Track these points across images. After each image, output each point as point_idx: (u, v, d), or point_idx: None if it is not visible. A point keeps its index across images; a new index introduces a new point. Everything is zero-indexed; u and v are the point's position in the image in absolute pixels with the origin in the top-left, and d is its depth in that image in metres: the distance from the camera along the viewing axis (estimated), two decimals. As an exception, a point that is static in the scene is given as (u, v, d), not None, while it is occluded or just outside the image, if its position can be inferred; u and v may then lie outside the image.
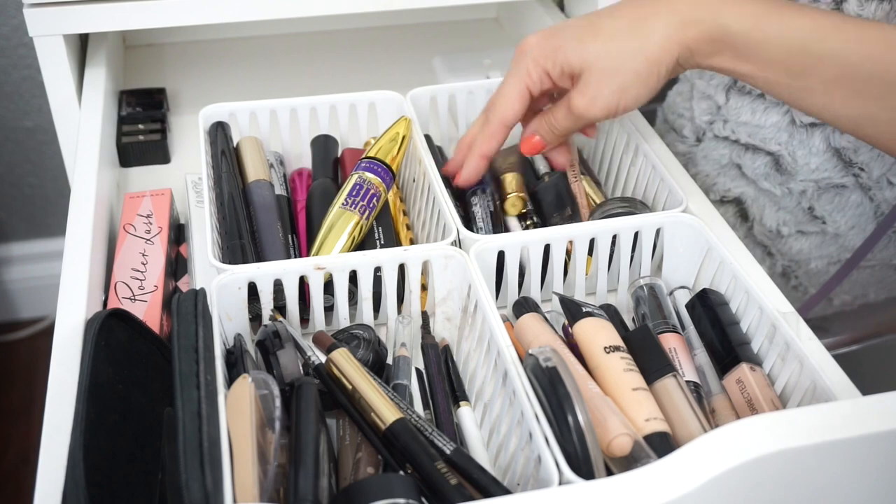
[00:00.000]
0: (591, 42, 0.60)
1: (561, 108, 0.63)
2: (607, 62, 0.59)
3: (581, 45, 0.60)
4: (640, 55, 0.59)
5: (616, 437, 0.48)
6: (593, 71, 0.60)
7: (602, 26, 0.60)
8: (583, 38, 0.60)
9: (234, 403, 0.47)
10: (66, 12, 0.75)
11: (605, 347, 0.54)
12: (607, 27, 0.60)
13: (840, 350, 0.83)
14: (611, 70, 0.59)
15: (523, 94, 0.63)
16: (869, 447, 0.44)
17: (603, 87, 0.60)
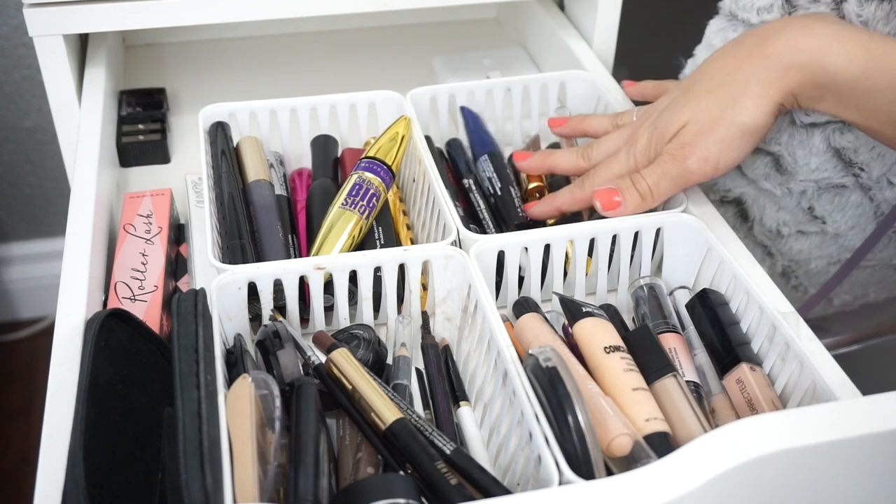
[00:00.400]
0: (692, 100, 0.60)
1: (657, 167, 0.61)
2: (706, 116, 0.59)
3: (682, 105, 0.61)
4: (737, 107, 0.58)
5: (616, 437, 0.48)
6: (691, 126, 0.60)
7: (700, 85, 0.61)
8: (680, 99, 0.62)
9: (234, 403, 0.47)
10: (65, 12, 0.75)
11: (605, 347, 0.54)
12: (705, 85, 0.60)
13: (840, 350, 0.83)
14: (709, 123, 0.59)
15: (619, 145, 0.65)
16: (869, 447, 0.44)
17: (701, 141, 0.59)
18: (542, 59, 0.95)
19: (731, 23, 0.74)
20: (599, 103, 0.76)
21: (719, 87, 0.60)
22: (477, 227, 0.68)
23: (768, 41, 0.58)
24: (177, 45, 1.03)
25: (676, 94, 0.63)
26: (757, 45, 0.59)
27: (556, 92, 0.79)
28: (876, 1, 0.66)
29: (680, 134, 0.61)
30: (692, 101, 0.61)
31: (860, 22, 0.67)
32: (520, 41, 1.02)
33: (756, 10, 0.72)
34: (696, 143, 0.60)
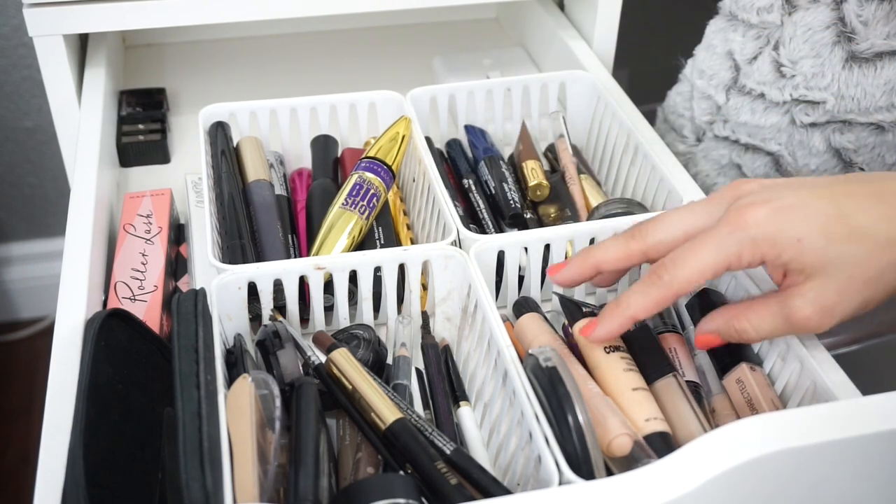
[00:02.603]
0: (843, 243, 0.47)
1: (769, 310, 0.50)
2: (858, 273, 0.47)
3: (829, 243, 0.47)
4: (893, 267, 0.48)
5: (616, 437, 0.48)
6: (836, 278, 0.47)
7: (858, 223, 0.47)
8: (832, 233, 0.47)
9: (234, 403, 0.47)
10: (65, 12, 0.75)
11: (605, 347, 0.54)
12: (864, 227, 0.47)
13: (840, 350, 0.83)
14: (862, 284, 0.47)
15: (719, 273, 0.49)
16: (869, 447, 0.44)
17: (845, 301, 0.48)
18: (542, 59, 0.95)
19: (731, 23, 0.74)
20: (599, 103, 0.76)
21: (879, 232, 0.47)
22: (477, 227, 0.68)
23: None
24: (177, 45, 1.03)
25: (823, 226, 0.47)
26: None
27: (556, 92, 0.79)
28: (876, 1, 0.66)
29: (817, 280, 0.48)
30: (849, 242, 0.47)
31: (860, 22, 0.67)
32: (520, 41, 1.02)
33: (756, 10, 0.72)
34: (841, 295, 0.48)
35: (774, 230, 0.47)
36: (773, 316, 0.50)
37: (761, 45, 0.72)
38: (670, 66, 0.83)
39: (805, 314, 0.48)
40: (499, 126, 0.79)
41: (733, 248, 0.48)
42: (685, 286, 0.49)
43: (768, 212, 0.47)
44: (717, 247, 0.48)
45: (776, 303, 0.49)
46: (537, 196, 0.70)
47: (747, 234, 0.48)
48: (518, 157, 0.74)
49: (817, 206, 0.47)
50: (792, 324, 0.49)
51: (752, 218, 0.48)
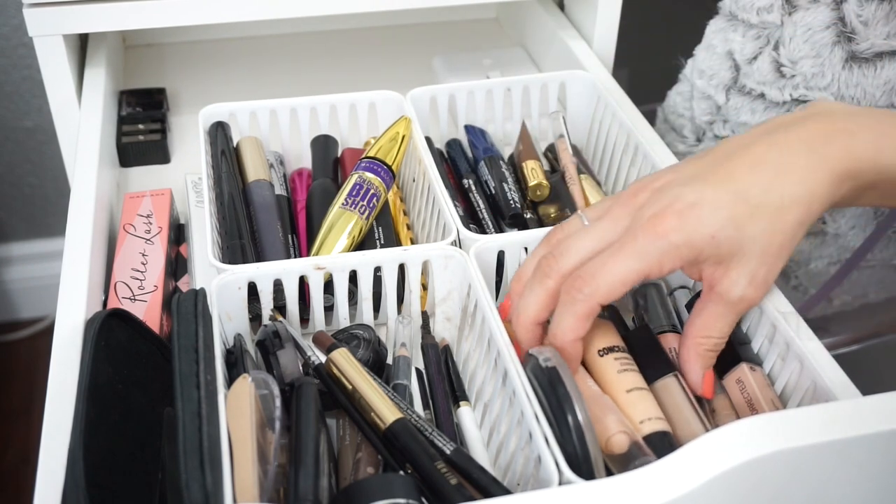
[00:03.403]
0: (749, 224, 0.48)
1: (715, 313, 0.51)
2: (773, 244, 0.49)
3: (738, 230, 0.48)
4: (803, 226, 0.50)
5: (613, 434, 0.48)
6: (756, 256, 0.49)
7: (753, 199, 0.49)
8: (738, 220, 0.48)
9: (234, 403, 0.47)
10: (65, 12, 0.75)
11: (598, 350, 0.54)
12: (759, 199, 0.49)
13: (840, 350, 0.83)
14: (779, 251, 0.49)
15: (639, 281, 0.50)
16: (869, 447, 0.44)
17: (771, 271, 0.50)
18: (542, 59, 0.95)
19: (731, 23, 0.74)
20: (599, 103, 0.76)
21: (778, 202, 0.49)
22: (477, 227, 0.68)
23: (822, 148, 0.50)
24: (177, 45, 1.03)
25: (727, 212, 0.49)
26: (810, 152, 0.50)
27: (556, 92, 0.79)
28: (876, 1, 0.66)
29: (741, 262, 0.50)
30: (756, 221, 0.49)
31: (860, 22, 0.67)
32: (520, 41, 1.02)
33: (756, 10, 0.72)
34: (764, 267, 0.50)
35: (689, 233, 0.48)
36: (723, 316, 0.51)
37: (761, 45, 0.72)
38: (670, 66, 0.83)
39: (748, 297, 0.50)
40: (499, 126, 0.79)
41: (654, 257, 0.49)
42: (607, 297, 0.49)
43: (677, 217, 0.49)
44: (636, 256, 0.49)
45: (717, 304, 0.51)
46: (537, 196, 0.70)
47: (666, 242, 0.48)
48: (518, 157, 0.74)
49: (716, 196, 0.49)
50: (739, 310, 0.51)
51: (665, 227, 0.49)
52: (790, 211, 0.49)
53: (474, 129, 0.77)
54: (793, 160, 0.49)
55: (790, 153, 0.50)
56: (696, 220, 0.48)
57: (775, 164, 0.49)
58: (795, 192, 0.49)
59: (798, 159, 0.49)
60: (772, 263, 0.50)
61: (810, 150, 0.50)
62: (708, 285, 0.51)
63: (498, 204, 0.69)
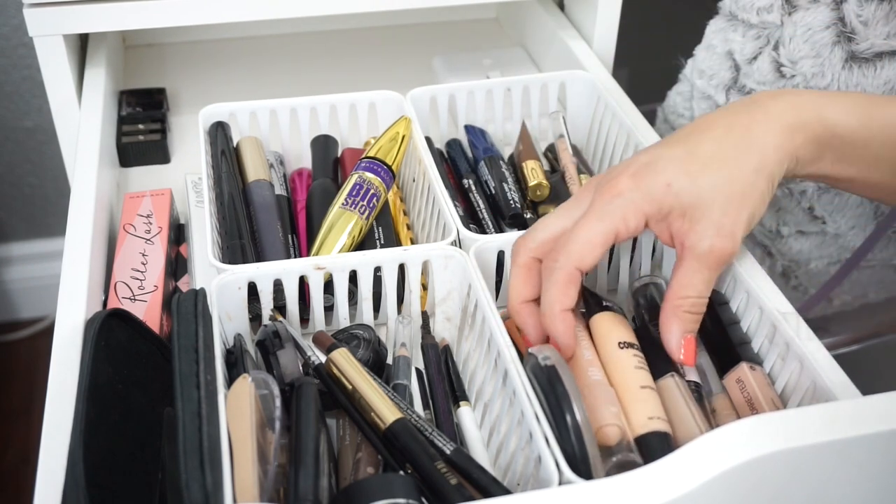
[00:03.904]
0: (703, 174, 0.51)
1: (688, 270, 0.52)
2: (731, 191, 0.51)
3: (693, 179, 0.51)
4: (763, 175, 0.51)
5: (604, 426, 0.49)
6: (716, 206, 0.51)
7: (704, 153, 0.51)
8: (691, 170, 0.51)
9: (234, 403, 0.47)
10: (66, 12, 0.75)
11: (619, 343, 0.54)
12: (710, 153, 0.51)
13: (840, 350, 0.83)
14: (738, 198, 0.51)
15: (609, 242, 0.51)
16: (869, 447, 0.44)
17: (735, 220, 0.51)
18: (542, 59, 0.95)
19: (731, 23, 0.74)
20: (599, 103, 0.76)
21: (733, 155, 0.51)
22: (477, 227, 0.68)
23: (767, 104, 0.53)
24: (177, 45, 1.03)
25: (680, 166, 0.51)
26: (755, 108, 0.53)
27: (556, 92, 0.79)
28: (876, 1, 0.66)
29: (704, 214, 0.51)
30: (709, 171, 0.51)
31: (860, 22, 0.67)
32: (520, 41, 1.02)
33: (756, 10, 0.72)
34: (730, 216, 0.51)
35: (644, 187, 0.51)
36: (697, 272, 0.52)
37: (761, 45, 0.72)
38: (670, 66, 0.83)
39: (718, 248, 0.51)
40: (499, 126, 0.79)
41: (616, 214, 0.51)
42: (581, 260, 0.51)
43: (631, 174, 0.52)
44: (598, 218, 0.51)
45: (690, 260, 0.52)
46: (537, 196, 0.70)
47: (624, 199, 0.51)
48: (518, 157, 0.74)
49: (668, 154, 0.52)
50: (712, 265, 0.52)
51: (621, 185, 0.51)
52: (743, 160, 0.51)
53: (474, 129, 0.77)
54: (741, 118, 0.52)
55: (738, 114, 0.53)
56: (650, 173, 0.51)
57: (725, 123, 0.52)
58: (745, 142, 0.51)
59: (745, 117, 0.52)
60: (735, 213, 0.51)
61: (757, 107, 0.53)
62: (679, 244, 0.52)
63: (498, 204, 0.69)
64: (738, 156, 0.51)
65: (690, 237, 0.51)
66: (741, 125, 0.52)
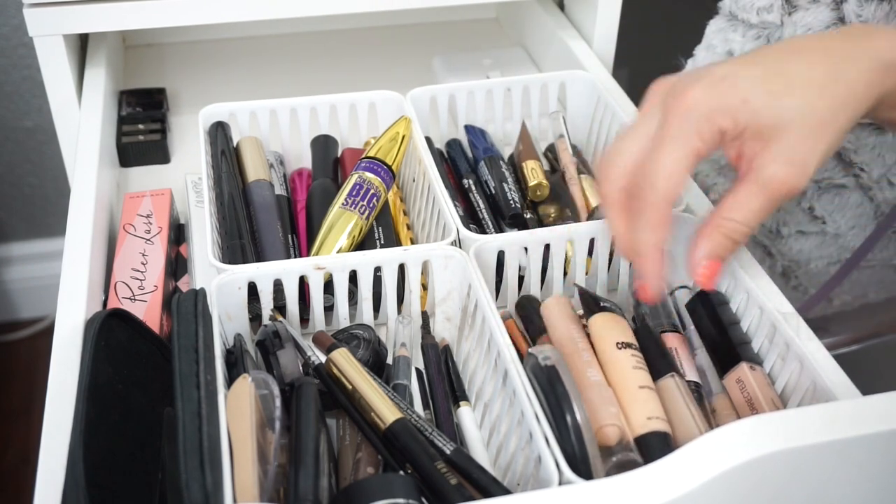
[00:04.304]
0: (788, 95, 0.47)
1: (748, 193, 0.48)
2: (813, 119, 0.47)
3: (775, 99, 0.47)
4: (847, 110, 0.48)
5: (604, 426, 0.49)
6: (794, 131, 0.47)
7: (793, 74, 0.48)
8: (774, 89, 0.47)
9: (234, 403, 0.47)
10: (66, 12, 0.75)
11: (617, 343, 0.54)
12: (801, 75, 0.48)
13: (840, 350, 0.83)
14: (819, 128, 0.47)
15: (692, 165, 0.48)
16: (869, 447, 0.44)
17: (811, 151, 0.48)
18: (542, 59, 0.95)
19: (731, 23, 0.74)
20: (599, 103, 0.76)
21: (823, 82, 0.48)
22: (477, 227, 0.68)
23: (868, 37, 0.49)
24: (177, 45, 1.03)
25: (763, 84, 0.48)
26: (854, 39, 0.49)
27: (556, 92, 0.79)
28: (876, 1, 0.66)
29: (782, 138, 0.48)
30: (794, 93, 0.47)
31: (860, 22, 0.67)
32: (520, 41, 1.02)
33: (756, 10, 0.72)
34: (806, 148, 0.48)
35: (719, 100, 0.47)
36: (754, 196, 0.49)
37: (761, 45, 0.72)
38: (670, 66, 0.83)
39: (782, 177, 0.48)
40: (499, 126, 0.79)
41: (692, 132, 0.48)
42: (670, 191, 0.48)
43: (705, 87, 0.48)
44: (675, 139, 0.48)
45: (750, 182, 0.48)
46: (537, 196, 0.70)
47: (697, 113, 0.47)
48: (518, 157, 0.74)
49: (747, 71, 0.48)
50: (774, 193, 0.48)
51: (693, 98, 0.48)
52: (830, 89, 0.47)
53: (474, 129, 0.77)
54: (833, 46, 0.48)
55: (830, 41, 0.49)
56: (727, 87, 0.47)
57: (815, 48, 0.48)
58: (837, 72, 0.47)
59: (838, 47, 0.48)
60: (813, 142, 0.47)
61: (852, 39, 0.49)
62: (746, 165, 0.49)
63: (498, 204, 0.69)
64: (826, 84, 0.47)
65: (761, 158, 0.48)
66: (837, 53, 0.48)
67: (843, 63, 0.48)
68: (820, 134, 0.48)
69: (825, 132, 0.48)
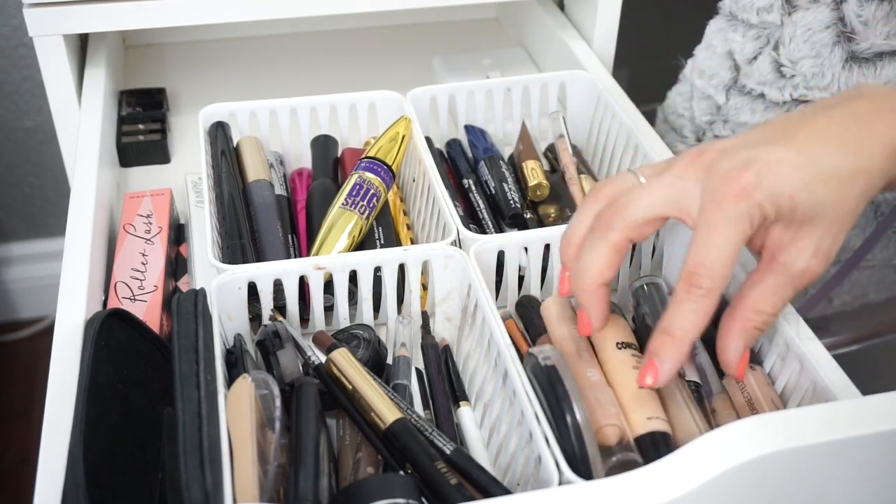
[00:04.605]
0: (823, 189, 0.47)
1: (776, 285, 0.49)
2: (840, 212, 0.48)
3: (811, 192, 0.47)
4: (865, 199, 0.49)
5: (604, 426, 0.48)
6: (824, 224, 0.48)
7: (822, 164, 0.47)
8: (808, 181, 0.47)
9: (234, 403, 0.47)
10: (66, 12, 0.75)
11: (617, 343, 0.54)
12: (827, 165, 0.47)
13: (840, 350, 0.83)
14: (845, 219, 0.48)
15: (739, 247, 0.47)
16: (869, 447, 0.44)
17: (836, 241, 0.49)
18: (542, 59, 0.95)
19: (731, 23, 0.74)
20: (599, 103, 0.76)
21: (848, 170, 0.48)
22: (477, 227, 0.68)
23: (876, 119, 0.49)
24: (177, 45, 1.03)
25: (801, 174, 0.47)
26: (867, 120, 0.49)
27: (556, 92, 0.79)
28: (876, 1, 0.66)
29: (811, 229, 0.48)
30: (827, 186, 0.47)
31: (860, 22, 0.67)
32: (520, 41, 1.02)
33: (756, 10, 0.72)
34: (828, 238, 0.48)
35: (770, 189, 0.47)
36: (783, 287, 0.49)
37: (761, 45, 0.72)
38: (670, 66, 0.83)
39: (811, 270, 0.48)
40: (499, 126, 0.79)
41: (745, 218, 0.46)
42: (725, 280, 0.47)
43: (757, 173, 0.47)
44: (730, 224, 0.46)
45: (779, 274, 0.49)
46: (537, 196, 0.70)
47: (752, 201, 0.46)
48: (518, 157, 0.74)
49: (789, 159, 0.47)
50: (802, 284, 0.49)
51: (748, 183, 0.46)
52: (855, 181, 0.48)
53: (474, 129, 0.77)
54: (849, 134, 0.48)
55: (846, 127, 0.49)
56: (775, 177, 0.46)
57: (836, 136, 0.48)
58: (857, 164, 0.48)
59: (853, 134, 0.48)
60: (836, 234, 0.48)
61: (864, 125, 0.49)
62: (770, 254, 0.49)
63: (498, 204, 0.69)
64: (850, 177, 0.48)
65: (790, 251, 0.48)
66: (854, 138, 0.48)
67: (861, 151, 0.48)
68: (844, 224, 0.48)
69: (848, 222, 0.49)
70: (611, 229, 0.49)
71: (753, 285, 0.49)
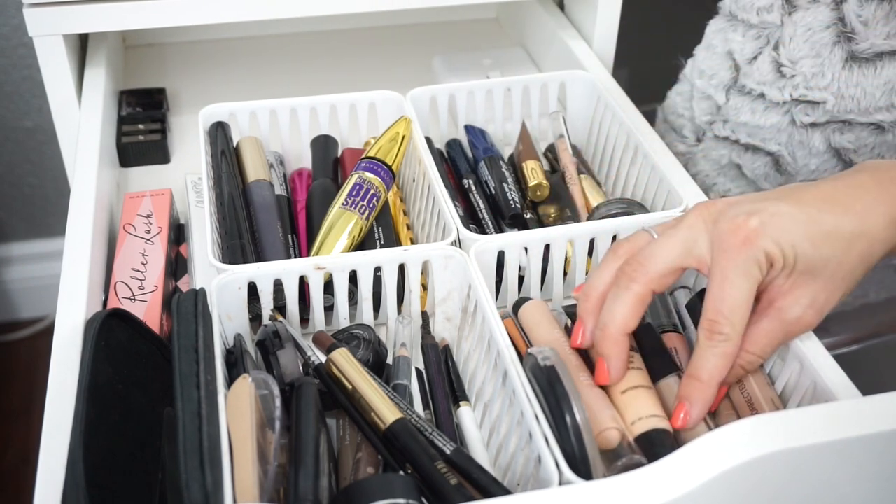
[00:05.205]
0: (825, 245, 0.50)
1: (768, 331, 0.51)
2: (840, 271, 0.51)
3: (814, 248, 0.49)
4: (865, 264, 0.51)
5: (604, 430, 0.48)
6: (822, 281, 0.50)
7: (827, 224, 0.50)
8: (813, 237, 0.50)
9: (234, 403, 0.47)
10: (66, 12, 0.75)
11: None
12: (832, 226, 0.50)
13: (840, 350, 0.83)
14: (843, 279, 0.51)
15: (753, 294, 0.50)
16: (869, 447, 0.44)
17: (831, 298, 0.51)
18: (542, 59, 0.95)
19: (731, 23, 0.74)
20: (599, 103, 0.76)
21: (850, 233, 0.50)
22: (477, 227, 0.68)
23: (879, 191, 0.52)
24: (177, 45, 1.03)
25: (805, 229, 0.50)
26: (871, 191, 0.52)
27: (556, 92, 0.79)
28: (876, 1, 0.66)
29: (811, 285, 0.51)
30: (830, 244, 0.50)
31: (860, 22, 0.67)
32: (520, 41, 1.02)
33: (756, 10, 0.72)
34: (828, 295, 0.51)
35: (774, 237, 0.49)
36: (774, 333, 0.51)
37: (761, 45, 0.72)
38: (670, 66, 0.83)
39: (806, 320, 0.51)
40: (499, 126, 0.79)
41: (753, 265, 0.49)
42: (743, 323, 0.50)
43: (761, 222, 0.49)
44: (740, 272, 0.49)
45: (773, 320, 0.51)
46: (537, 196, 0.70)
47: (758, 249, 0.49)
48: (518, 157, 0.74)
49: (793, 213, 0.50)
50: (793, 332, 0.52)
51: (752, 230, 0.49)
52: (855, 243, 0.50)
53: (474, 129, 0.77)
54: (853, 201, 0.51)
55: (850, 194, 0.51)
56: (779, 227, 0.49)
57: (841, 201, 0.51)
58: (858, 227, 0.50)
59: (858, 201, 0.51)
60: (832, 291, 0.51)
61: (866, 192, 0.51)
62: (768, 300, 0.51)
63: (498, 204, 0.69)
64: (852, 240, 0.50)
65: (785, 299, 0.51)
66: (857, 209, 0.51)
67: (863, 216, 0.50)
68: (841, 284, 0.51)
69: (846, 283, 0.51)
70: (634, 281, 0.51)
71: (750, 326, 0.51)
